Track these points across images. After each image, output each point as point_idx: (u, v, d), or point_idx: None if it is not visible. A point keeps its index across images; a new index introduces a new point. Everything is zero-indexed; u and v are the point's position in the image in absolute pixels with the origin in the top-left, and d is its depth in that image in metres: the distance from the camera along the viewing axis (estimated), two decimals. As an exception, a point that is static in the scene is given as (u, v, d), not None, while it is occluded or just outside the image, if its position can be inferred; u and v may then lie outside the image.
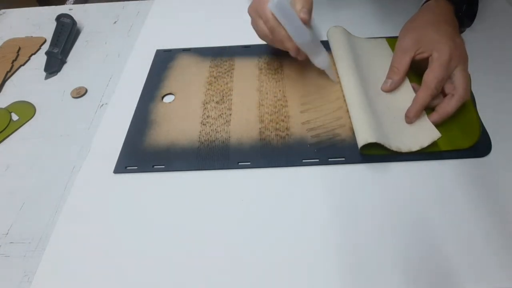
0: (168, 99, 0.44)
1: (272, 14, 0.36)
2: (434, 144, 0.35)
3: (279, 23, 0.36)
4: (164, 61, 0.49)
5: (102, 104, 0.45)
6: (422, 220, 0.31)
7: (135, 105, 0.43)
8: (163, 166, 0.36)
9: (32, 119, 0.44)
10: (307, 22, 0.36)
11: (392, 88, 0.40)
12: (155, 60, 0.49)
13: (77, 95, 0.46)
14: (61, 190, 0.36)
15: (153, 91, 0.45)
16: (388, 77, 0.40)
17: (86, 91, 0.47)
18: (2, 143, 0.41)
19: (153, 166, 0.36)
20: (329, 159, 0.35)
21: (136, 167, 0.37)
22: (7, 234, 0.33)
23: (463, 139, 0.35)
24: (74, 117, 0.44)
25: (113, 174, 0.36)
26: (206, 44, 0.51)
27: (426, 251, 0.29)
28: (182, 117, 0.41)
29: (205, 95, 0.44)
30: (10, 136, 0.42)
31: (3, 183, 0.37)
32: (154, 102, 0.43)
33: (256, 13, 0.39)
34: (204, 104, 0.42)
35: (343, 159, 0.35)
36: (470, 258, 0.28)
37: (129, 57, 0.51)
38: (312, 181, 0.34)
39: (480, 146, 0.35)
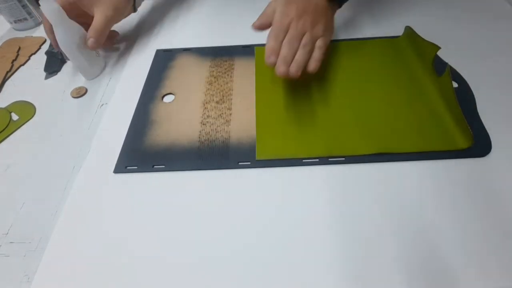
0: (168, 99, 0.44)
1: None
2: (431, 144, 0.35)
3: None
4: (164, 61, 0.49)
5: (102, 104, 0.45)
6: (421, 219, 0.31)
7: (135, 105, 0.43)
8: (163, 166, 0.36)
9: (32, 119, 0.44)
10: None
11: None
12: (155, 60, 0.49)
13: (77, 95, 0.46)
14: (61, 190, 0.36)
15: (153, 91, 0.45)
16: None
17: (86, 91, 0.47)
18: (2, 143, 0.41)
19: (153, 166, 0.36)
20: (329, 159, 0.36)
21: (136, 167, 0.36)
22: (7, 234, 0.33)
23: (461, 140, 0.36)
24: (74, 117, 0.44)
25: (113, 174, 0.36)
26: (206, 44, 0.51)
27: (426, 251, 0.29)
28: (182, 117, 0.41)
29: (205, 95, 0.43)
30: (10, 136, 0.42)
31: (3, 183, 0.37)
32: (154, 102, 0.43)
33: None
34: (204, 104, 0.42)
35: (343, 158, 0.36)
36: (470, 258, 0.28)
37: (129, 57, 0.51)
38: (312, 181, 0.34)
39: (480, 146, 0.35)
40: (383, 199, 0.32)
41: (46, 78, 0.50)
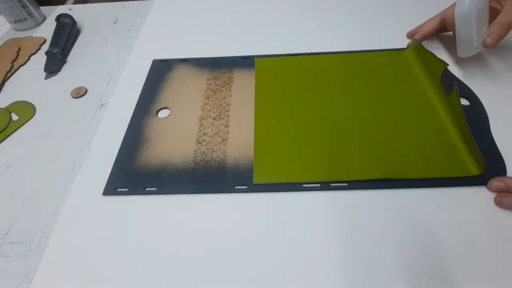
0: (163, 114, 0.42)
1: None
2: (440, 170, 0.33)
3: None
4: (160, 72, 0.47)
5: (102, 104, 0.45)
6: (429, 250, 0.29)
7: (135, 106, 0.42)
8: (155, 189, 0.34)
9: (32, 119, 0.44)
10: (489, 47, 0.38)
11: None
12: (151, 71, 0.47)
13: (77, 95, 0.46)
14: (61, 190, 0.36)
15: (148, 105, 0.42)
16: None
17: (86, 91, 0.47)
18: (2, 143, 0.41)
19: (144, 189, 0.34)
20: (331, 184, 0.33)
21: (126, 189, 0.34)
22: (7, 234, 0.33)
23: (472, 166, 0.33)
24: (74, 117, 0.44)
25: (102, 196, 0.34)
26: (204, 54, 0.49)
27: (426, 250, 0.29)
28: (177, 134, 0.39)
29: (202, 110, 0.41)
30: (10, 136, 0.42)
31: (3, 183, 0.37)
32: (148, 117, 0.41)
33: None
34: (200, 120, 0.40)
35: (346, 184, 0.33)
36: (470, 258, 0.28)
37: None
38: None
39: (493, 172, 0.32)
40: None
41: (46, 78, 0.50)
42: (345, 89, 0.42)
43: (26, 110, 0.45)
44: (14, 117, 0.44)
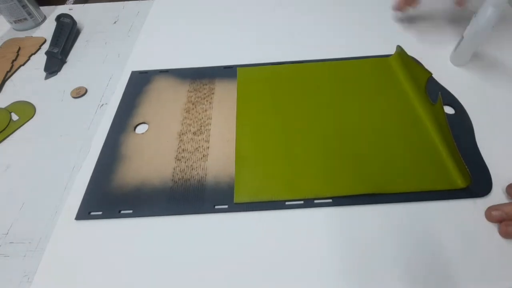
0: (141, 129, 0.40)
1: None
2: (426, 183, 0.33)
3: None
4: (139, 84, 0.45)
5: (102, 104, 0.45)
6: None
7: (111, 121, 0.40)
8: (131, 211, 0.32)
9: (32, 119, 0.44)
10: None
11: None
12: (130, 83, 0.46)
13: (77, 95, 0.46)
14: (61, 190, 0.36)
15: (125, 120, 0.41)
16: None
17: (86, 91, 0.47)
18: (2, 143, 0.41)
19: (119, 212, 0.32)
20: (315, 201, 0.32)
21: (100, 213, 0.33)
22: (7, 234, 0.33)
23: (459, 178, 0.32)
24: (74, 117, 0.44)
25: (75, 221, 0.33)
26: (185, 64, 0.48)
27: (425, 250, 0.29)
28: (156, 151, 0.37)
29: (182, 124, 0.40)
30: (10, 136, 0.42)
31: (3, 183, 0.37)
32: (126, 133, 0.39)
33: None
34: (180, 136, 0.39)
35: (330, 200, 0.32)
36: (470, 257, 0.28)
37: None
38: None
39: (479, 185, 0.32)
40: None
41: (46, 78, 0.50)
42: (329, 100, 0.41)
43: (26, 110, 0.45)
44: (14, 117, 0.44)
